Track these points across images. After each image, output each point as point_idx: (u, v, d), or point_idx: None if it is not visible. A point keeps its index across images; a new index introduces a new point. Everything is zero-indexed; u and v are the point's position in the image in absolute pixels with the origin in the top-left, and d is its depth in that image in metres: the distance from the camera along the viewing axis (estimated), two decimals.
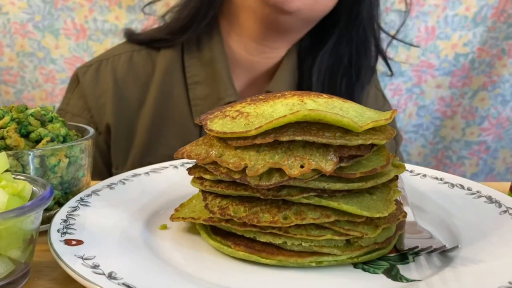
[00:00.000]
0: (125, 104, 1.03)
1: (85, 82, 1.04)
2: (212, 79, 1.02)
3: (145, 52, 1.06)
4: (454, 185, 0.66)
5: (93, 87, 1.04)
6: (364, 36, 1.05)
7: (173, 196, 0.64)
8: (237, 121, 0.50)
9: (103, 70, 1.05)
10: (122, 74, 1.04)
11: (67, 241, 0.49)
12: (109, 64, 1.05)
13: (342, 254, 0.49)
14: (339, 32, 1.04)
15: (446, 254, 0.50)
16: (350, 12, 1.03)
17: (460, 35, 1.66)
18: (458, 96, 1.73)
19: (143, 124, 1.02)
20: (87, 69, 1.05)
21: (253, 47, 1.04)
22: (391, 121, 0.50)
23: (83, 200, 0.59)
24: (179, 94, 1.02)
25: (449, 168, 1.80)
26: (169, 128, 1.02)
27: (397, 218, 0.52)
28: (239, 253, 0.50)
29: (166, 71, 1.03)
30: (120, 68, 1.04)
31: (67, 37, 1.57)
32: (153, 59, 1.05)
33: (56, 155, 0.59)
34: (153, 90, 1.03)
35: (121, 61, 1.05)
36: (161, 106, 1.02)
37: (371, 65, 1.09)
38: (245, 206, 0.50)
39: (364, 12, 1.03)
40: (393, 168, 0.53)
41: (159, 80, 1.03)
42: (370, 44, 1.07)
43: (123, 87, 1.03)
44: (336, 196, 0.49)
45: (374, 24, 1.06)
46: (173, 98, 1.02)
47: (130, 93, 1.03)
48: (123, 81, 1.03)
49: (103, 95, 1.03)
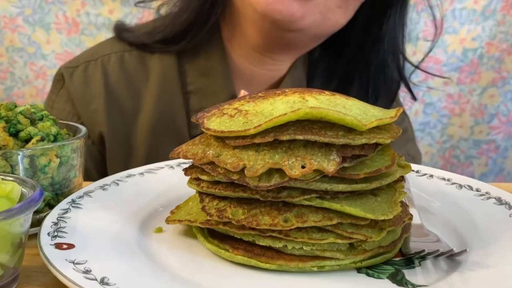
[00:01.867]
0: (118, 112, 0.98)
1: (72, 84, 1.00)
2: (210, 89, 0.98)
3: (136, 53, 1.01)
4: (462, 186, 0.66)
5: (82, 91, 0.99)
6: (384, 62, 1.01)
7: (168, 198, 0.64)
8: (235, 120, 0.49)
9: (92, 72, 1.00)
10: (113, 78, 0.99)
11: (58, 244, 0.49)
12: (99, 66, 1.00)
13: (345, 258, 0.49)
14: (355, 53, 1.01)
15: (454, 258, 0.50)
16: (368, 33, 0.99)
17: (468, 29, 1.65)
18: (466, 93, 1.73)
19: (141, 137, 0.98)
20: (73, 70, 1.01)
21: (255, 57, 0.99)
22: (396, 119, 0.50)
23: (74, 202, 0.59)
24: (178, 104, 0.98)
25: (457, 168, 1.80)
26: (169, 141, 0.98)
27: (403, 220, 0.52)
28: (237, 257, 0.50)
29: (162, 78, 0.99)
30: (111, 70, 1.00)
31: (59, 31, 1.57)
32: (146, 62, 1.01)
33: (47, 155, 0.58)
34: (149, 98, 0.99)
35: (111, 63, 1.01)
36: (160, 117, 0.98)
37: (392, 92, 1.05)
38: (243, 208, 0.50)
39: (386, 36, 0.99)
40: (398, 169, 0.53)
41: (156, 88, 0.99)
42: (390, 71, 1.03)
43: (116, 92, 0.99)
44: (339, 197, 0.49)
45: (398, 52, 1.02)
46: (172, 109, 0.98)
47: (123, 99, 0.99)
48: (115, 85, 0.99)
49: (93, 100, 0.98)
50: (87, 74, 1.00)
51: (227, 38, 1.00)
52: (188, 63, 1.00)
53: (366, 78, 1.02)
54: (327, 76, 1.04)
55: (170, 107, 0.99)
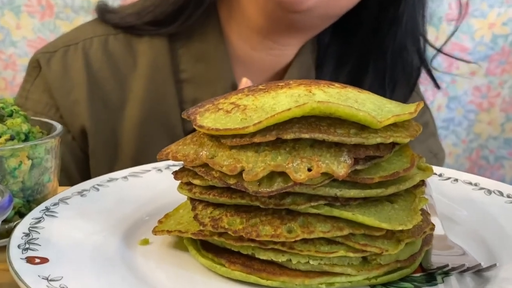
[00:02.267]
0: (102, 103, 0.99)
1: (50, 72, 1.00)
2: (205, 78, 0.99)
3: (122, 36, 1.02)
4: (492, 192, 0.66)
5: (60, 79, 0.99)
6: (403, 46, 1.02)
7: (156, 205, 0.64)
8: (232, 116, 0.49)
9: (72, 57, 1.01)
10: (97, 65, 1.00)
11: (30, 258, 0.49)
12: (79, 51, 1.01)
13: (358, 274, 0.49)
14: (369, 36, 1.01)
15: (482, 274, 0.50)
16: (384, 12, 0.99)
17: (498, 12, 1.66)
18: (496, 85, 1.73)
19: (129, 131, 0.99)
20: (51, 56, 1.01)
21: (257, 41, 0.99)
22: (416, 115, 0.50)
23: (49, 209, 0.59)
24: (170, 94, 0.99)
25: (486, 171, 1.80)
26: (160, 136, 0.99)
27: (423, 231, 0.52)
28: (234, 273, 0.50)
29: (152, 64, 1.00)
30: (93, 56, 1.00)
31: (31, 15, 1.57)
32: (134, 46, 1.01)
33: (17, 156, 0.58)
34: (137, 88, 1.00)
35: (93, 47, 1.01)
36: (150, 109, 0.99)
37: (412, 80, 1.06)
38: (241, 217, 0.50)
39: (404, 16, 0.99)
40: (418, 172, 0.53)
41: (144, 76, 0.99)
42: (409, 55, 1.03)
43: (99, 81, 1.00)
44: (350, 205, 0.49)
45: (418, 34, 1.02)
46: (163, 99, 0.99)
47: (108, 89, 1.00)
48: (99, 73, 1.00)
49: (74, 90, 0.99)
50: (67, 60, 1.01)
51: (225, 19, 1.00)
52: (181, 48, 1.00)
53: (382, 64, 1.03)
54: (339, 63, 1.05)
55: (161, 98, 0.99)
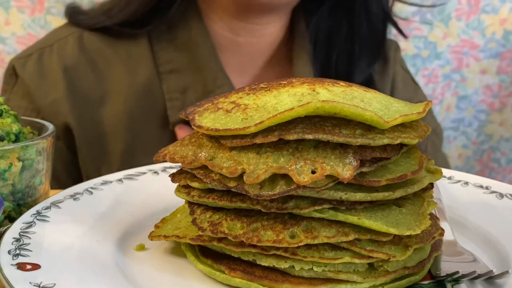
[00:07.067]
0: (83, 99, 1.02)
1: (26, 76, 1.03)
2: (193, 66, 1.02)
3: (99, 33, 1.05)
4: (504, 195, 0.66)
5: (37, 82, 1.02)
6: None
7: (152, 209, 0.64)
8: (232, 116, 0.50)
9: (47, 59, 1.03)
10: (73, 61, 1.03)
11: (21, 265, 0.49)
12: (54, 51, 1.04)
13: (364, 281, 0.49)
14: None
15: (494, 281, 0.50)
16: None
17: (510, 7, 1.66)
18: (508, 84, 1.73)
19: (115, 125, 1.02)
20: (25, 60, 1.04)
21: (239, 26, 1.05)
22: (424, 115, 0.50)
23: (40, 213, 0.59)
24: (155, 86, 1.02)
25: (497, 174, 1.80)
26: (148, 128, 1.02)
27: (432, 236, 0.52)
28: (235, 280, 0.50)
29: (130, 58, 1.03)
30: (69, 54, 1.03)
31: (20, 10, 1.57)
32: (110, 40, 1.04)
33: (7, 158, 0.58)
34: (118, 82, 1.02)
35: (69, 45, 1.04)
36: (135, 103, 1.02)
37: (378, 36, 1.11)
38: (242, 222, 0.50)
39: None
40: (427, 174, 0.53)
41: (125, 69, 1.02)
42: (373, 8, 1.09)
43: (76, 77, 1.02)
44: (356, 209, 0.49)
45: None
46: (149, 93, 1.02)
47: (86, 84, 1.02)
48: (76, 69, 1.03)
49: (52, 90, 1.01)
50: (42, 63, 1.03)
51: (204, 11, 1.05)
52: (160, 39, 1.04)
53: (350, 19, 1.08)
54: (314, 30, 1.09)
55: (146, 90, 1.02)
